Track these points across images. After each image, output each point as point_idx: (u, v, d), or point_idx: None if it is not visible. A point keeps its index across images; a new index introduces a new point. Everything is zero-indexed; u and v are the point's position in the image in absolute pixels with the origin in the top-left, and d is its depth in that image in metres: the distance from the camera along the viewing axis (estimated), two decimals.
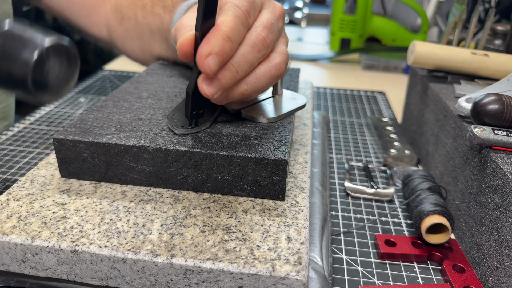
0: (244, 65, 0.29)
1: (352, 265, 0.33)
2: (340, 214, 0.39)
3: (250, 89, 0.30)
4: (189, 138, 0.30)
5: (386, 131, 0.53)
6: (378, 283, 0.31)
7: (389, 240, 0.35)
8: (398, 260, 0.34)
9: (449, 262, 0.33)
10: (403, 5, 1.02)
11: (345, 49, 0.94)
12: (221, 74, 0.28)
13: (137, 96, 0.38)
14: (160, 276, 0.25)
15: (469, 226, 0.34)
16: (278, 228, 0.27)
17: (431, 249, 0.34)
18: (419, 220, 0.34)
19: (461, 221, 0.35)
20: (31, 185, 0.31)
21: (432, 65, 0.45)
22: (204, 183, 0.30)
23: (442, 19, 0.95)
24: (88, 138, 0.30)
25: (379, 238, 0.35)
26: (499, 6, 0.68)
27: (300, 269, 0.24)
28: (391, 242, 0.34)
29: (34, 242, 0.25)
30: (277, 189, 0.29)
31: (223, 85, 0.29)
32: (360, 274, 0.32)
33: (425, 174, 0.39)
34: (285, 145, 0.30)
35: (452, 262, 0.33)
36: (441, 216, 0.33)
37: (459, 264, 0.32)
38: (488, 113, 0.32)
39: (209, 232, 0.26)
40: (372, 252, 0.34)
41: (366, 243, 0.35)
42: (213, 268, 0.24)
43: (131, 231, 0.26)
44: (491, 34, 0.60)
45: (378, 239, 0.35)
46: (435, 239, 0.34)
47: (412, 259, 0.33)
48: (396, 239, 0.35)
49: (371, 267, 0.33)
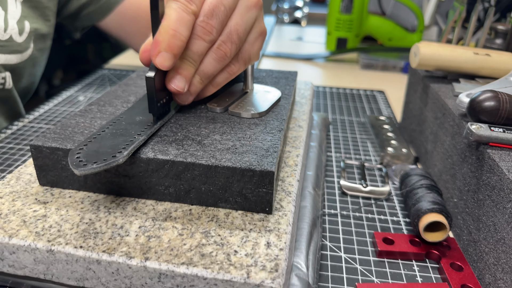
0: (192, 55, 0.31)
1: (351, 263, 0.33)
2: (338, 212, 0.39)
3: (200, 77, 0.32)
4: (172, 146, 0.29)
5: (383, 130, 0.53)
6: (376, 281, 0.31)
7: (387, 238, 0.35)
8: (396, 258, 0.34)
9: (447, 260, 0.33)
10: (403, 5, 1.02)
11: (342, 48, 0.94)
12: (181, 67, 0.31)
13: (124, 100, 0.36)
14: (135, 279, 0.24)
15: (466, 224, 0.34)
16: (259, 233, 0.26)
17: (429, 247, 0.34)
18: (417, 218, 0.34)
19: (459, 219, 0.35)
20: (16, 182, 0.30)
21: (436, 66, 0.45)
22: (186, 194, 0.28)
23: (442, 18, 0.95)
24: (67, 145, 0.28)
25: (377, 236, 0.35)
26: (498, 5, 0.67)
27: (276, 276, 0.23)
28: (389, 240, 0.34)
29: (11, 241, 0.25)
30: (264, 202, 0.27)
31: (185, 76, 0.31)
32: (359, 272, 0.32)
33: (422, 172, 0.39)
34: (273, 155, 0.28)
35: (450, 260, 0.33)
36: (439, 214, 0.33)
37: (456, 263, 0.32)
38: (484, 109, 0.32)
39: (187, 236, 0.26)
40: (371, 250, 0.34)
41: (364, 241, 0.35)
42: (187, 273, 0.23)
43: (109, 232, 0.26)
44: (491, 33, 0.60)
45: (376, 237, 0.35)
46: (433, 237, 0.34)
47: (410, 257, 0.33)
48: (394, 237, 0.35)
49: (370, 265, 0.33)
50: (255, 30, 0.35)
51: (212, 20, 0.31)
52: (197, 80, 0.32)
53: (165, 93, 0.32)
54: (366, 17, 0.94)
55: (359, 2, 0.89)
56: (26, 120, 0.55)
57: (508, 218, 0.28)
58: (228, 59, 0.33)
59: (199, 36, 0.31)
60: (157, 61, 0.29)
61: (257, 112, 0.34)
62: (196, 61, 0.31)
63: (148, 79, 0.29)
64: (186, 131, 0.31)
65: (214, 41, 0.32)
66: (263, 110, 0.34)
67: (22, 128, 0.53)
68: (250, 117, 0.33)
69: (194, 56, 0.31)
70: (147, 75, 0.29)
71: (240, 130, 0.31)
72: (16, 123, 0.54)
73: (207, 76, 0.33)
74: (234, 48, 0.33)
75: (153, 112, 0.31)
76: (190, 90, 0.32)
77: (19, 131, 0.52)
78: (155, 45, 0.29)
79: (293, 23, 1.40)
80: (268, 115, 0.34)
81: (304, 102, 0.45)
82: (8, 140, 0.50)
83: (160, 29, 0.29)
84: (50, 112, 0.58)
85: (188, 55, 0.31)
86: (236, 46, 0.33)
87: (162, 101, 0.31)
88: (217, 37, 0.32)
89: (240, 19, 0.33)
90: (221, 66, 0.33)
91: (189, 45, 0.31)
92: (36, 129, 0.53)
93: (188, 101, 0.33)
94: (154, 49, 0.29)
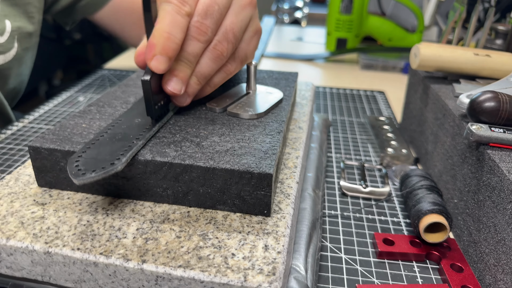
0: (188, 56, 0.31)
1: (351, 264, 0.33)
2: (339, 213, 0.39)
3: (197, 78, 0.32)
4: (171, 148, 0.28)
5: (383, 130, 0.53)
6: (376, 282, 0.31)
7: (387, 238, 0.35)
8: (396, 259, 0.33)
9: (447, 261, 0.32)
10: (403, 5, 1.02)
11: (342, 49, 0.93)
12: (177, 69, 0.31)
13: (124, 101, 0.36)
14: (132, 282, 0.24)
15: (467, 224, 0.34)
16: (257, 236, 0.26)
17: (430, 248, 0.34)
18: (417, 219, 0.34)
19: (459, 219, 0.35)
20: (14, 183, 0.30)
21: (436, 67, 0.45)
22: (185, 196, 0.28)
23: (442, 19, 0.95)
24: (65, 146, 0.28)
25: (377, 236, 0.35)
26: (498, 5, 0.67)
27: (274, 280, 0.23)
28: (389, 240, 0.34)
29: (8, 242, 0.25)
30: (262, 205, 0.27)
31: (182, 78, 0.31)
32: (359, 273, 0.32)
33: (423, 173, 0.39)
34: (272, 157, 0.28)
35: (450, 261, 0.32)
36: (439, 215, 0.33)
37: (457, 264, 0.32)
38: (484, 110, 0.32)
39: (185, 238, 0.25)
40: (371, 251, 0.34)
41: (364, 242, 0.35)
42: (184, 276, 0.23)
43: (106, 234, 0.26)
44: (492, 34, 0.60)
45: (376, 238, 0.35)
46: (433, 238, 0.34)
47: (411, 258, 0.33)
48: (394, 238, 0.35)
49: (370, 266, 0.33)
50: (251, 28, 0.35)
51: (207, 20, 0.31)
52: (194, 81, 0.32)
53: (162, 95, 0.32)
54: (366, 18, 0.94)
55: (359, 2, 0.89)
56: (26, 121, 0.55)
57: (509, 219, 0.28)
58: (224, 59, 0.33)
59: (194, 37, 0.31)
60: (152, 64, 0.28)
61: (255, 113, 0.34)
62: (192, 62, 0.31)
63: (144, 83, 0.29)
64: (185, 132, 0.31)
65: (210, 41, 0.32)
66: (262, 111, 0.34)
67: (22, 129, 0.53)
68: (248, 118, 0.33)
69: (189, 57, 0.31)
70: (142, 79, 0.29)
71: (239, 132, 0.31)
72: (16, 123, 0.54)
73: (204, 77, 0.33)
74: (230, 47, 0.33)
75: (151, 115, 0.31)
76: (187, 91, 0.32)
77: (19, 132, 0.52)
78: (149, 49, 0.28)
79: (293, 23, 1.40)
80: (268, 117, 0.34)
81: (304, 103, 0.45)
82: (8, 140, 0.50)
83: (154, 32, 0.29)
84: (50, 112, 0.58)
85: (184, 57, 0.31)
86: (233, 45, 0.33)
87: (160, 103, 0.31)
88: (212, 37, 0.32)
89: (235, 18, 0.33)
90: (217, 66, 0.33)
91: (184, 46, 0.31)
92: (36, 130, 0.53)
93: (186, 102, 0.33)
94: (149, 53, 0.28)
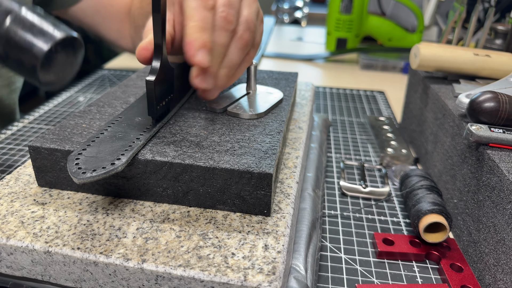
0: (218, 47, 0.31)
1: (351, 264, 0.33)
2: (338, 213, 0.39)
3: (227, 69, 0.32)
4: (171, 148, 0.28)
5: (383, 130, 0.53)
6: (376, 282, 0.31)
7: (387, 238, 0.35)
8: (396, 258, 0.34)
9: (446, 261, 0.33)
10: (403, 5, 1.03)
11: (342, 49, 0.93)
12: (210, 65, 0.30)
13: (123, 101, 0.36)
14: (132, 281, 0.24)
15: (466, 224, 0.34)
16: (257, 236, 0.26)
17: (429, 248, 0.34)
18: (417, 219, 0.34)
19: (459, 219, 0.35)
20: (15, 183, 0.30)
21: (436, 67, 0.45)
22: (185, 196, 0.28)
23: (442, 19, 0.95)
24: (65, 146, 0.28)
25: (377, 236, 0.35)
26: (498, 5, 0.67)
27: (273, 279, 0.23)
28: (389, 240, 0.34)
29: (8, 242, 0.25)
30: (262, 204, 0.27)
31: (213, 72, 0.31)
32: (359, 273, 0.32)
33: (422, 173, 0.39)
34: (271, 157, 0.28)
35: (450, 261, 0.33)
36: (439, 215, 0.33)
37: (456, 263, 0.32)
38: (484, 110, 0.32)
39: (185, 238, 0.25)
40: (371, 251, 0.34)
41: (364, 242, 0.35)
42: (184, 275, 0.23)
43: (106, 234, 0.26)
44: (491, 34, 0.60)
45: (376, 238, 0.35)
46: (433, 238, 0.34)
47: (410, 257, 0.33)
48: (394, 238, 0.35)
49: (370, 266, 0.33)
50: (259, 18, 0.36)
51: (232, 10, 0.32)
52: (224, 73, 0.32)
53: (165, 95, 0.32)
54: (366, 17, 0.94)
55: (359, 2, 0.89)
56: (26, 121, 0.55)
57: (508, 219, 0.28)
58: (249, 47, 0.34)
59: (222, 27, 0.31)
60: (198, 59, 0.29)
61: (255, 113, 0.34)
62: (222, 53, 0.32)
63: (149, 83, 0.29)
64: (185, 132, 0.31)
65: (234, 32, 0.32)
66: (262, 111, 0.34)
67: (22, 129, 0.53)
68: (248, 118, 0.33)
69: (219, 48, 0.31)
70: (147, 79, 0.29)
71: (239, 132, 0.31)
72: (17, 124, 0.54)
73: (233, 67, 0.33)
74: (252, 36, 0.34)
75: (152, 115, 0.31)
76: (217, 84, 0.32)
77: (19, 132, 0.52)
78: (189, 47, 0.29)
79: (293, 23, 1.40)
80: (268, 117, 0.34)
81: (304, 103, 0.45)
82: (8, 140, 0.50)
83: (188, 30, 0.29)
84: (50, 112, 0.58)
85: (214, 49, 0.31)
86: (253, 34, 0.34)
87: (162, 103, 0.31)
88: (235, 28, 0.32)
89: (250, 8, 0.34)
90: (244, 55, 0.33)
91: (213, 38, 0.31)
92: (36, 130, 0.53)
93: (215, 95, 0.33)
94: (189, 51, 0.29)
